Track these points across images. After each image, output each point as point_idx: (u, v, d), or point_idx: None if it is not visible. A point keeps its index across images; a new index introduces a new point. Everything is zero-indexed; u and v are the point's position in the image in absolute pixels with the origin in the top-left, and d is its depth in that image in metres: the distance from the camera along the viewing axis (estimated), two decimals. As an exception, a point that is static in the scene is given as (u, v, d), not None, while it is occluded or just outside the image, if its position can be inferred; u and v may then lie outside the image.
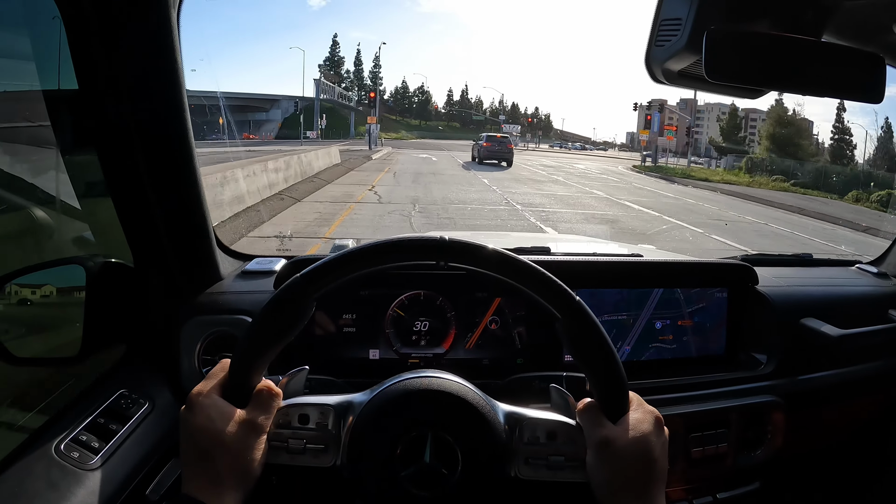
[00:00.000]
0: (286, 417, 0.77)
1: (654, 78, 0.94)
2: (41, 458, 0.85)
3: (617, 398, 0.76)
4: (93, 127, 1.03)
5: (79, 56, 0.99)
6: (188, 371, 1.13)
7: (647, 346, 1.33)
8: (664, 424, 0.78)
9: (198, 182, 1.11)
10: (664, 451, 0.76)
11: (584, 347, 0.75)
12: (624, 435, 0.73)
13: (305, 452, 0.77)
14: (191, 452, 0.72)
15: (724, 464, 1.23)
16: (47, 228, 1.29)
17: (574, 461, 0.77)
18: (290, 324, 0.75)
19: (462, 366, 1.24)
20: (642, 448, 0.73)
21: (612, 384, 0.76)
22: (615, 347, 0.79)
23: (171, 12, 0.98)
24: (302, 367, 0.83)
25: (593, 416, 0.76)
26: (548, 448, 0.77)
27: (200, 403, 0.73)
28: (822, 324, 1.34)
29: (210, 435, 0.71)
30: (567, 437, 0.77)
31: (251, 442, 0.72)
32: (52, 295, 1.07)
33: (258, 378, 0.76)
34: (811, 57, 0.83)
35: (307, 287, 0.74)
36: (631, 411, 0.76)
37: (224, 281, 1.25)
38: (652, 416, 0.77)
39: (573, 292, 0.75)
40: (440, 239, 0.75)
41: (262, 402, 0.75)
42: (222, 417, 0.72)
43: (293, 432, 0.77)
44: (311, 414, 0.78)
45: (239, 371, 0.75)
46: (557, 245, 1.46)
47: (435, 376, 0.80)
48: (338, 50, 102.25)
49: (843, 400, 1.45)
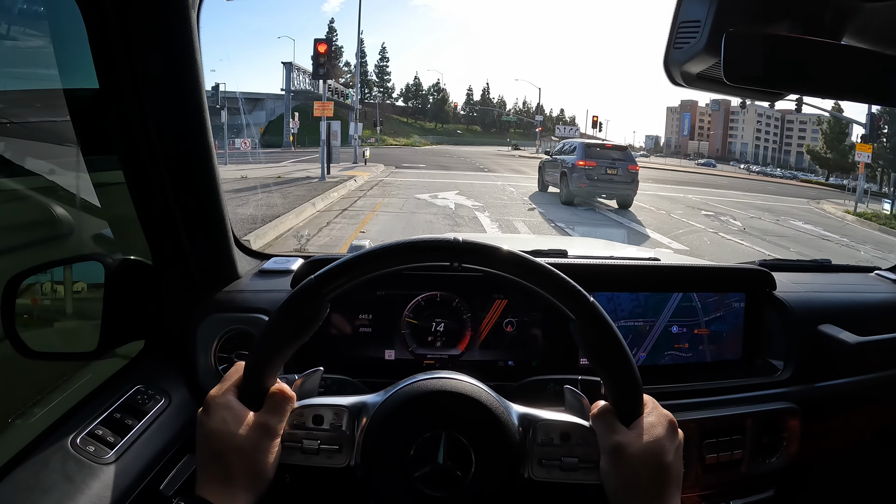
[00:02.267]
0: (300, 418, 0.78)
1: (672, 80, 0.94)
2: (57, 452, 0.86)
3: (631, 401, 0.76)
4: (113, 125, 1.05)
5: (99, 55, 1.00)
6: (204, 368, 1.15)
7: (663, 354, 1.32)
8: (678, 428, 0.77)
9: (216, 181, 1.12)
10: (678, 456, 0.75)
11: (599, 349, 0.75)
12: (637, 440, 0.73)
13: (319, 453, 0.77)
14: (206, 454, 0.73)
15: (739, 470, 1.22)
16: (67, 225, 1.31)
17: (587, 463, 0.76)
18: (303, 326, 0.75)
19: (477, 367, 1.24)
20: (656, 453, 0.73)
21: (626, 387, 0.75)
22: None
23: (190, 12, 1.00)
24: (316, 369, 0.84)
25: (607, 420, 0.75)
26: (561, 449, 0.77)
27: (215, 406, 0.74)
28: (840, 330, 1.32)
29: (224, 437, 0.72)
30: (581, 439, 0.77)
31: (264, 444, 0.73)
32: (71, 290, 1.09)
33: (272, 380, 0.76)
34: (831, 59, 0.82)
35: (321, 288, 0.74)
36: (645, 415, 0.76)
37: (241, 279, 1.26)
38: (666, 419, 0.76)
39: (588, 294, 0.75)
40: (454, 240, 0.75)
41: (276, 404, 0.75)
42: (236, 420, 0.73)
43: (307, 433, 0.77)
44: (326, 415, 0.78)
45: (252, 374, 0.75)
46: (574, 248, 1.45)
47: (448, 377, 0.80)
48: (335, 38, 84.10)
49: (861, 407, 1.43)
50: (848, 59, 0.84)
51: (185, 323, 1.16)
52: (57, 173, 1.35)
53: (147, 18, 0.97)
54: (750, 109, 77.79)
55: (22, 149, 1.36)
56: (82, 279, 1.08)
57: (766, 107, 59.57)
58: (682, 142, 48.23)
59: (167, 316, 1.17)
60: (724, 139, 77.68)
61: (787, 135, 77.43)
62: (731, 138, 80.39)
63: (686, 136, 45.29)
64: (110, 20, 0.95)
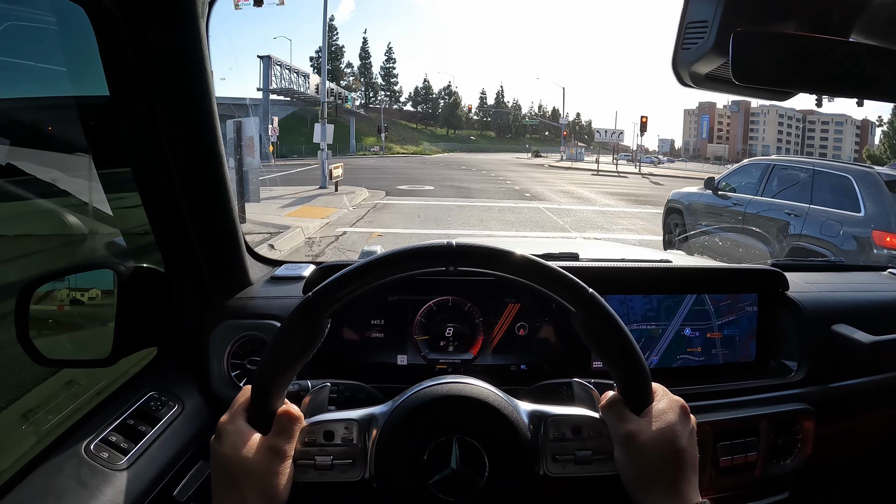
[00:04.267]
0: (311, 435, 0.77)
1: (681, 81, 0.93)
2: (71, 458, 0.87)
3: (640, 389, 0.76)
4: (124, 135, 1.06)
5: (110, 64, 1.01)
6: (217, 374, 1.15)
7: (675, 358, 1.31)
8: (690, 412, 0.77)
9: (227, 188, 1.12)
10: (692, 440, 0.75)
11: (601, 339, 0.75)
12: (649, 427, 0.73)
13: (333, 468, 0.77)
14: (219, 479, 0.73)
15: (753, 473, 1.21)
16: (79, 233, 1.32)
17: (601, 454, 0.76)
18: (305, 344, 0.75)
19: (490, 372, 1.24)
20: (669, 438, 0.73)
21: (633, 375, 0.75)
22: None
23: (199, 21, 1.00)
24: (323, 384, 0.84)
25: (617, 409, 0.76)
26: (574, 443, 0.77)
27: (226, 432, 0.74)
28: (854, 330, 1.31)
29: (235, 462, 0.72)
30: (593, 431, 0.77)
31: (275, 467, 0.73)
32: (83, 298, 1.10)
33: (279, 402, 0.76)
34: (840, 57, 0.82)
35: (318, 304, 0.74)
36: (655, 402, 0.76)
37: (253, 286, 1.26)
38: (677, 405, 0.76)
39: (584, 284, 0.75)
40: (447, 244, 0.74)
41: (283, 426, 0.75)
42: (246, 444, 0.73)
43: (320, 449, 0.77)
44: (336, 430, 0.78)
45: (259, 397, 0.75)
46: (586, 251, 1.45)
47: (453, 381, 0.80)
48: (335, 38, 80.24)
49: (876, 408, 1.42)
50: (857, 56, 0.83)
51: (198, 329, 1.17)
52: (69, 182, 1.36)
53: (156, 28, 0.98)
54: (771, 110, 76.54)
55: (34, 158, 1.37)
56: (95, 287, 1.09)
57: (787, 107, 57.44)
58: (701, 145, 47.52)
59: (180, 323, 1.18)
60: (745, 141, 76.91)
61: (809, 136, 76.81)
62: (752, 140, 79.52)
63: (705, 138, 44.56)
64: (120, 30, 0.96)
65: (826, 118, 75.81)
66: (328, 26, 76.94)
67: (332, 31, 79.57)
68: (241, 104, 31.69)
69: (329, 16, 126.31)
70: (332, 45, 78.07)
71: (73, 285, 1.09)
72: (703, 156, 74.10)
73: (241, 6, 10.15)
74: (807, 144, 76.83)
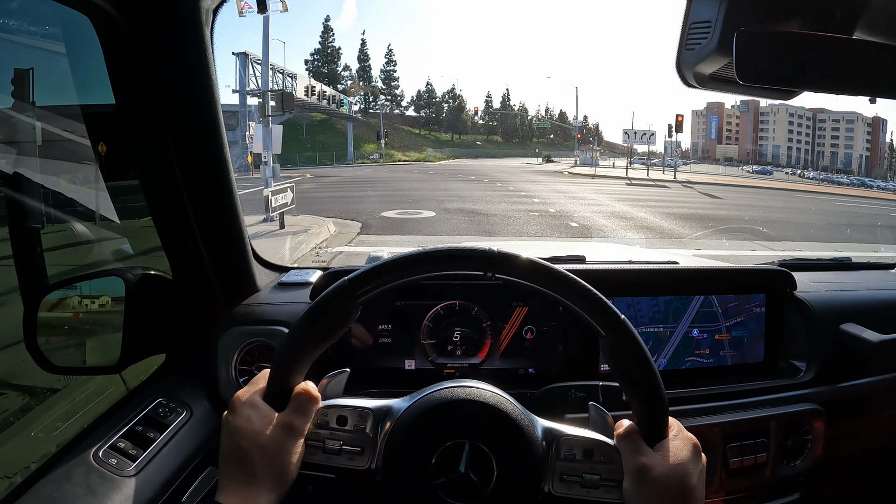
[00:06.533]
0: (324, 418, 0.78)
1: (685, 82, 0.93)
2: (80, 464, 0.87)
3: (657, 423, 0.75)
4: (130, 143, 1.07)
5: (115, 72, 1.02)
6: (225, 380, 1.15)
7: (684, 360, 1.31)
8: (702, 451, 0.77)
9: (234, 195, 1.13)
10: (701, 480, 0.75)
11: (628, 368, 0.75)
12: (663, 462, 0.73)
13: (341, 454, 0.77)
14: (229, 453, 0.73)
15: (763, 474, 1.20)
16: (86, 241, 1.32)
17: (609, 481, 0.76)
18: (331, 328, 0.75)
19: (498, 375, 1.24)
20: (681, 476, 0.73)
21: (653, 408, 0.75)
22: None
23: (204, 29, 1.01)
24: (343, 370, 0.84)
25: (633, 440, 0.75)
26: (584, 466, 0.77)
27: (241, 405, 0.74)
28: (862, 329, 1.31)
29: (249, 435, 0.72)
30: (604, 457, 0.77)
31: (288, 444, 0.73)
32: (92, 305, 1.10)
33: (298, 380, 0.77)
34: (844, 55, 0.82)
35: (353, 291, 0.74)
36: (670, 437, 0.76)
37: (261, 292, 1.26)
38: (690, 442, 0.76)
39: (618, 310, 0.75)
40: (489, 250, 0.75)
41: (300, 405, 0.76)
42: (261, 419, 0.73)
43: (331, 433, 0.77)
44: (350, 416, 0.78)
45: (278, 373, 0.76)
46: (592, 253, 1.45)
47: (476, 387, 0.80)
48: (331, 39, 73.19)
49: (886, 407, 1.41)
50: (861, 54, 0.83)
51: (206, 336, 1.17)
52: (75, 189, 1.36)
53: (161, 37, 0.98)
54: (781, 109, 75.47)
55: (41, 165, 1.38)
56: (103, 294, 1.10)
57: (797, 105, 56.61)
58: (710, 146, 46.86)
59: (188, 329, 1.18)
60: (755, 141, 76.24)
61: (819, 135, 76.22)
62: (762, 140, 78.94)
63: (714, 139, 43.93)
64: (125, 39, 0.97)
65: (836, 116, 75.11)
66: (325, 28, 71.44)
67: (328, 31, 75.32)
68: (231, 111, 29.26)
69: (325, 16, 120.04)
70: (328, 47, 72.89)
71: (82, 293, 1.09)
72: (712, 157, 73.53)
73: (245, 13, 10.16)
74: (817, 143, 76.31)
